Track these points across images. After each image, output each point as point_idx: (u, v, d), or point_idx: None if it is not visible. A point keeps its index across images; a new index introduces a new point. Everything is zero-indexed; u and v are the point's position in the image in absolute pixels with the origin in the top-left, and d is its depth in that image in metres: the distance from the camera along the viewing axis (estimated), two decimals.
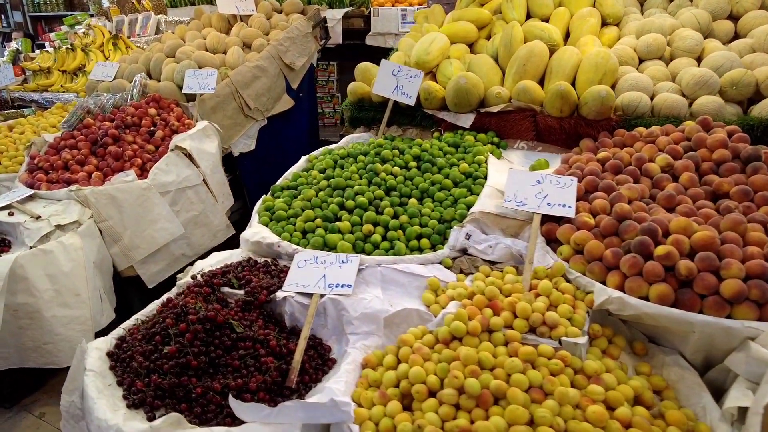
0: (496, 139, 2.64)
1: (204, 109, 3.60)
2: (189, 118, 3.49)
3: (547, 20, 3.00)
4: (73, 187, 2.78)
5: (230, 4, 4.58)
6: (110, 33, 4.66)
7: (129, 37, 4.71)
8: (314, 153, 2.74)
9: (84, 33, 4.87)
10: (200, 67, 3.74)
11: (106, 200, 2.80)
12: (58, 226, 2.55)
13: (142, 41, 4.57)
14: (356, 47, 5.45)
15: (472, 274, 1.85)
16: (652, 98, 2.41)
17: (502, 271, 1.81)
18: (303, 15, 4.77)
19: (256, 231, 2.15)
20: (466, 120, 2.67)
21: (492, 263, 1.90)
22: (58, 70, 4.63)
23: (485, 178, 2.28)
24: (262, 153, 4.02)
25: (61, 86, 4.38)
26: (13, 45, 5.27)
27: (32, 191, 2.83)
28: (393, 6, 5.60)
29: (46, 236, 2.50)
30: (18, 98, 4.71)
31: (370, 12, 5.42)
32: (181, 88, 3.69)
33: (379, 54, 5.80)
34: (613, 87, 2.48)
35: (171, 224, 2.94)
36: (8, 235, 2.62)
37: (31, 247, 2.44)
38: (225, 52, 4.05)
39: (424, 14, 3.78)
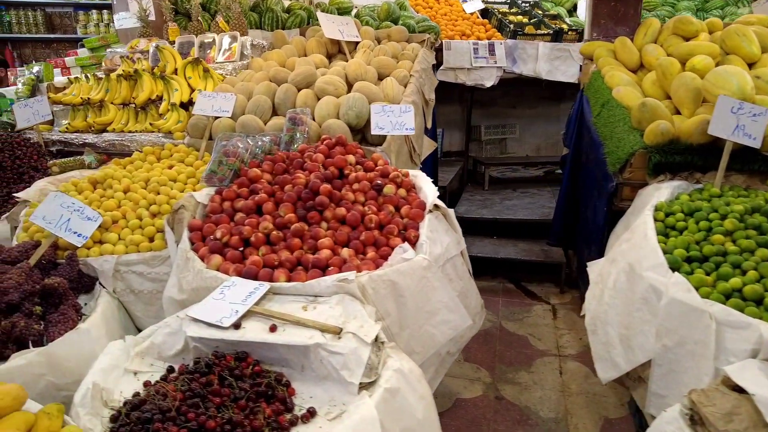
0: None
1: (388, 154, 2.75)
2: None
3: None
4: (344, 275, 1.82)
5: (334, 29, 3.75)
6: (182, 57, 3.55)
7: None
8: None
9: (128, 57, 3.68)
10: (370, 102, 2.88)
11: (386, 290, 1.88)
12: (375, 345, 1.61)
13: (229, 68, 3.53)
14: None
15: None
16: None
17: None
18: (408, 43, 4.06)
19: None
20: None
21: None
22: (112, 104, 3.41)
23: None
24: None
25: (151, 124, 3.16)
26: (28, 72, 3.84)
27: (267, 285, 1.83)
28: (462, 39, 5.07)
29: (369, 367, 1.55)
30: (56, 141, 3.38)
31: (441, 45, 4.84)
32: (351, 127, 2.80)
33: (449, 89, 5.24)
34: None
35: (454, 315, 2.06)
36: (289, 366, 1.60)
37: (362, 387, 1.49)
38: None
39: (606, 48, 3.28)
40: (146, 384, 1.58)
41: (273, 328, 1.66)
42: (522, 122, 6.31)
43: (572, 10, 5.83)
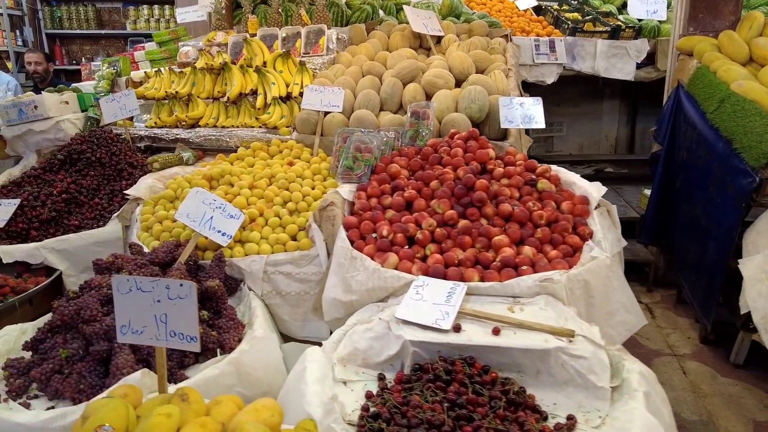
0: None
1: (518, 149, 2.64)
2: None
3: None
4: (547, 274, 1.70)
5: (419, 23, 3.62)
6: (269, 50, 3.39)
7: None
8: None
9: (205, 51, 3.50)
10: (489, 95, 2.76)
11: (580, 290, 1.77)
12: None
13: (317, 61, 3.37)
14: None
15: None
16: None
17: None
18: (489, 37, 3.95)
19: None
20: None
21: None
22: (199, 98, 3.23)
23: None
24: None
25: (256, 118, 2.98)
26: (107, 67, 3.61)
27: (462, 284, 1.70)
28: (522, 36, 4.97)
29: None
30: (144, 136, 3.19)
31: None
32: (473, 121, 2.68)
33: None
34: None
35: (631, 315, 1.95)
36: (521, 371, 1.47)
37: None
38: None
39: (710, 42, 3.21)
40: (369, 395, 1.44)
41: (497, 331, 1.53)
42: (567, 120, 6.24)
43: (621, 8, 5.77)
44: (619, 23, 5.18)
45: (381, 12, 4.62)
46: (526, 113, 2.60)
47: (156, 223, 2.34)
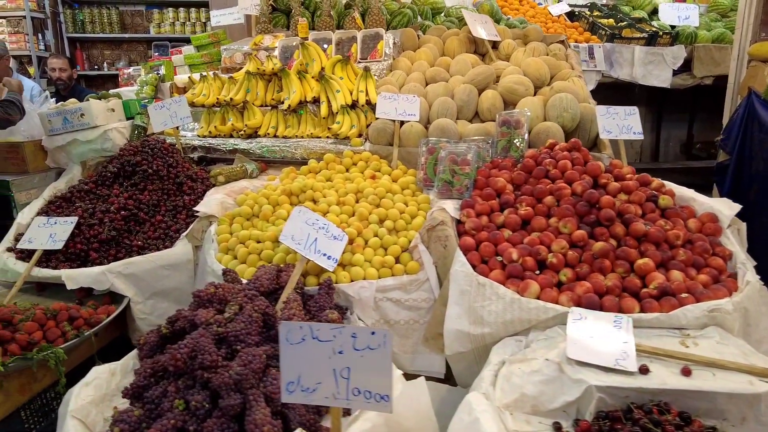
0: None
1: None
2: None
3: None
4: (716, 303, 1.52)
5: (477, 27, 3.45)
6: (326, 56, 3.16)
7: None
8: None
9: (252, 55, 3.26)
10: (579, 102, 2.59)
11: (741, 319, 1.60)
12: None
13: (376, 68, 3.16)
14: None
15: None
16: None
17: None
18: (543, 43, 3.79)
19: None
20: None
21: None
22: (255, 105, 3.00)
23: None
24: None
25: (328, 128, 2.74)
26: (148, 72, 3.34)
27: (625, 317, 1.50)
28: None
29: None
30: (197, 146, 2.94)
31: None
32: (565, 130, 2.50)
33: None
34: None
35: None
36: (722, 416, 1.28)
37: None
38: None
39: None
40: None
41: (687, 372, 1.34)
42: None
43: (650, 14, 5.67)
44: (655, 29, 5.08)
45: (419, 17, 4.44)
46: (623, 123, 2.43)
47: (238, 245, 2.10)
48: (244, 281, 1.82)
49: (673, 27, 5.22)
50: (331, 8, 3.47)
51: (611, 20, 5.22)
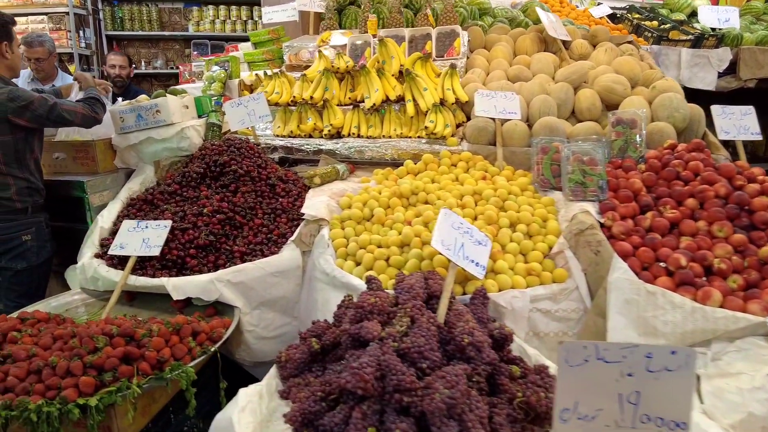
0: None
1: None
2: None
3: None
4: None
5: (550, 28, 3.34)
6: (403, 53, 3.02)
7: None
8: None
9: (321, 53, 3.10)
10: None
11: None
12: None
13: (458, 65, 3.02)
14: None
15: None
16: None
17: None
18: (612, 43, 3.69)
19: None
20: None
21: None
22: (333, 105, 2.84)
23: None
24: None
25: (426, 127, 2.53)
26: (214, 67, 3.14)
27: None
28: None
29: None
30: (278, 146, 2.76)
31: None
32: (677, 131, 2.38)
33: None
34: None
35: None
36: None
37: None
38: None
39: None
40: None
41: None
42: None
43: (690, 16, 5.63)
44: (699, 31, 5.03)
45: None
46: (740, 123, 2.33)
47: (359, 250, 1.95)
48: (389, 291, 1.67)
49: (713, 30, 5.18)
50: (402, 5, 3.33)
51: (654, 22, 5.15)
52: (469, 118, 2.74)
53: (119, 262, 2.12)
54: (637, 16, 5.34)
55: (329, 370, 1.49)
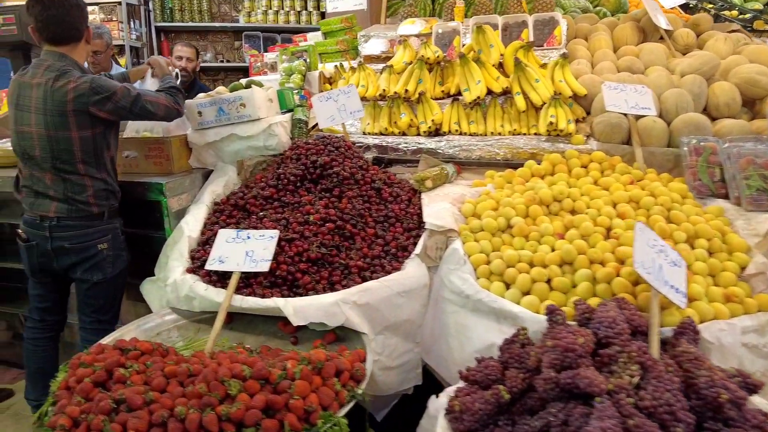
0: None
1: None
2: None
3: None
4: None
5: (656, 15, 3.03)
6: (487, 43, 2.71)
7: None
8: None
9: (404, 42, 2.80)
10: None
11: None
12: None
13: (553, 55, 2.71)
14: None
15: None
16: None
17: None
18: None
19: None
20: None
21: None
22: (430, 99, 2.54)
23: None
24: None
25: (551, 122, 2.20)
26: (288, 59, 2.86)
27: None
28: None
29: None
30: (370, 145, 2.48)
31: None
32: None
33: None
34: None
35: None
36: None
37: None
38: None
39: None
40: None
41: None
42: None
43: (765, 6, 5.26)
44: None
45: None
46: None
47: (508, 269, 1.65)
48: (571, 323, 1.37)
49: None
50: None
51: (734, 12, 4.81)
52: (587, 113, 2.44)
53: (218, 278, 1.83)
54: (711, 6, 4.99)
55: (524, 425, 1.19)
